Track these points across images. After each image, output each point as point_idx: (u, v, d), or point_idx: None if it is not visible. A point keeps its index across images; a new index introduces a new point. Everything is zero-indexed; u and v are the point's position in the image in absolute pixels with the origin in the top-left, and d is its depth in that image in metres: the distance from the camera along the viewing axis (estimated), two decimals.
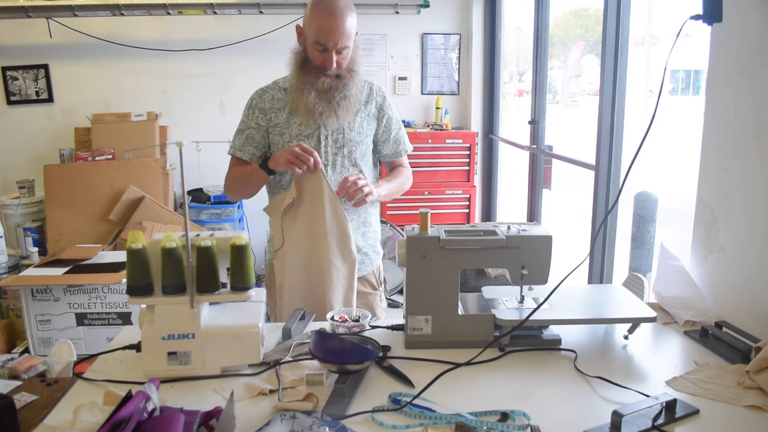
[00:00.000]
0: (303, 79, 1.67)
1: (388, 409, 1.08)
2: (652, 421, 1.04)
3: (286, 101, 1.74)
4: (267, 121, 1.76)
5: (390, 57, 4.30)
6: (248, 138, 1.78)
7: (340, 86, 1.67)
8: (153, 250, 1.19)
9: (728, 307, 1.48)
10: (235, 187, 1.82)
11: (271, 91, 1.78)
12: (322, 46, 1.63)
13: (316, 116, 1.69)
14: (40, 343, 2.73)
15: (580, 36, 4.56)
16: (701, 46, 1.58)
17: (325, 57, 1.64)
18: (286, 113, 1.75)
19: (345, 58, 1.67)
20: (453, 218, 4.12)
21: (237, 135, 1.80)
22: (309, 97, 1.66)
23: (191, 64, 4.08)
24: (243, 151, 1.78)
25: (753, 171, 1.41)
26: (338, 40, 1.61)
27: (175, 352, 1.20)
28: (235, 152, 1.79)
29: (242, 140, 1.78)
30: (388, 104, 1.86)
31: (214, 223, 3.90)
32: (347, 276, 1.70)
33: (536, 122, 3.49)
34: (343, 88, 1.67)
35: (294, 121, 1.73)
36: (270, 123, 1.76)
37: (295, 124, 1.73)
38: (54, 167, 3.62)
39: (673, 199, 3.79)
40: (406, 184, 1.92)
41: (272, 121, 1.76)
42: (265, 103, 1.77)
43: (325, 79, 1.66)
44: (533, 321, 1.34)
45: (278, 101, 1.76)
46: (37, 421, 1.08)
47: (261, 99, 1.78)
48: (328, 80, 1.66)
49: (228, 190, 1.84)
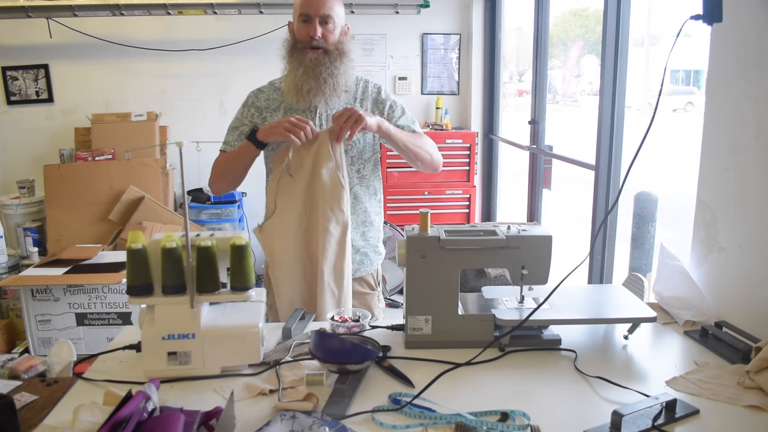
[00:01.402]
0: (291, 60, 1.71)
1: (388, 409, 1.08)
2: (652, 421, 1.04)
3: (281, 101, 1.76)
4: (262, 120, 1.77)
5: (390, 57, 4.30)
6: (241, 135, 1.77)
7: (326, 62, 1.68)
8: (153, 250, 1.19)
9: (728, 307, 1.48)
10: (223, 171, 1.77)
11: (267, 92, 1.81)
12: (305, 16, 1.67)
13: (305, 94, 1.69)
14: (40, 343, 2.74)
15: (580, 36, 4.56)
16: (701, 46, 1.58)
17: (309, 28, 1.67)
18: (280, 113, 1.76)
19: (331, 33, 1.69)
20: (453, 218, 4.12)
21: (230, 132, 1.80)
22: (297, 73, 1.68)
23: (191, 64, 4.08)
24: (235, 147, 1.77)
25: (753, 171, 1.41)
26: (320, 8, 1.65)
27: (175, 352, 1.20)
28: (226, 148, 1.78)
29: (236, 136, 1.78)
30: (386, 94, 1.84)
31: (214, 223, 3.90)
32: (339, 240, 1.67)
33: (536, 122, 3.49)
34: (330, 64, 1.68)
35: None
36: (264, 121, 1.76)
37: None
38: (54, 167, 3.62)
39: (673, 199, 3.79)
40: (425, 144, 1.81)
41: (266, 120, 1.77)
42: (261, 102, 1.79)
43: (312, 54, 1.67)
44: (533, 321, 1.34)
45: (273, 101, 1.78)
46: (37, 421, 1.07)
47: (257, 98, 1.80)
48: (315, 55, 1.68)
49: (214, 180, 1.80)
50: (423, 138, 1.83)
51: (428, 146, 1.82)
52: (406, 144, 1.75)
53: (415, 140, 1.79)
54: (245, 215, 4.13)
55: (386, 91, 1.85)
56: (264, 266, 1.92)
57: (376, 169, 1.86)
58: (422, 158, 1.80)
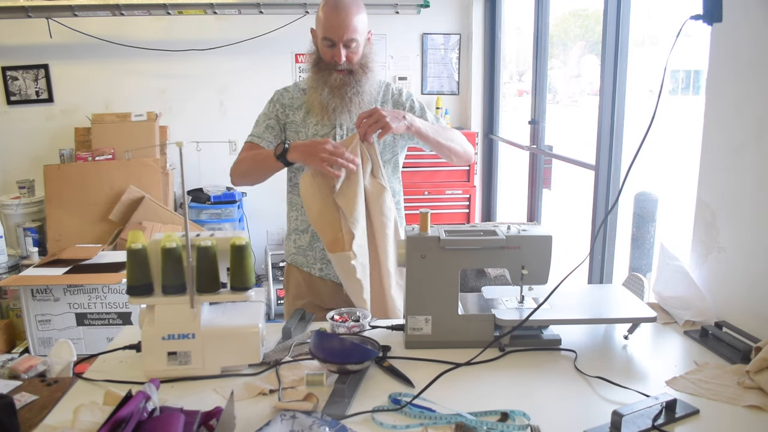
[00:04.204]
0: (317, 78, 1.70)
1: (388, 409, 1.08)
2: (652, 421, 1.04)
3: (303, 101, 1.77)
4: (285, 117, 1.79)
5: (390, 57, 4.30)
6: (268, 127, 1.78)
7: (352, 82, 1.69)
8: (153, 250, 1.19)
9: (728, 307, 1.48)
10: (248, 168, 1.74)
11: (292, 91, 1.82)
12: (329, 41, 1.65)
13: (330, 113, 1.70)
14: (40, 343, 2.74)
15: (580, 36, 4.56)
16: (701, 46, 1.58)
17: (333, 52, 1.66)
18: (302, 113, 1.77)
19: (355, 53, 1.68)
20: (453, 218, 4.12)
21: (257, 125, 1.80)
22: (322, 93, 1.69)
23: (191, 64, 4.08)
24: (262, 138, 1.76)
25: (753, 171, 1.41)
26: (344, 33, 1.63)
27: (175, 352, 1.20)
28: (253, 139, 1.77)
29: (262, 129, 1.78)
30: (407, 95, 1.83)
31: (214, 223, 3.90)
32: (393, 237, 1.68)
33: (536, 122, 3.49)
34: (355, 83, 1.69)
35: (310, 120, 1.75)
36: (287, 119, 1.78)
37: (311, 123, 1.75)
38: (54, 167, 3.62)
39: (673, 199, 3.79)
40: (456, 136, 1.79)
41: (289, 117, 1.78)
42: (286, 99, 1.80)
43: (337, 75, 1.68)
44: (533, 321, 1.34)
45: (296, 100, 1.79)
46: (37, 421, 1.08)
47: (282, 96, 1.81)
48: (341, 76, 1.68)
49: (235, 172, 1.77)
50: (452, 131, 1.82)
51: (459, 138, 1.81)
52: (438, 140, 1.74)
53: (446, 134, 1.78)
54: (245, 215, 4.13)
55: (408, 93, 1.85)
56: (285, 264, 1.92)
57: (396, 171, 1.84)
58: (456, 151, 1.79)
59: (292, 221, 1.84)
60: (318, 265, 1.79)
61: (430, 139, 1.71)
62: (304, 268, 1.82)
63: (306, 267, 1.82)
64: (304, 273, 1.82)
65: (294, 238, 1.83)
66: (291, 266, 1.86)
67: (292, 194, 1.82)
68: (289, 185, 1.83)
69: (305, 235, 1.79)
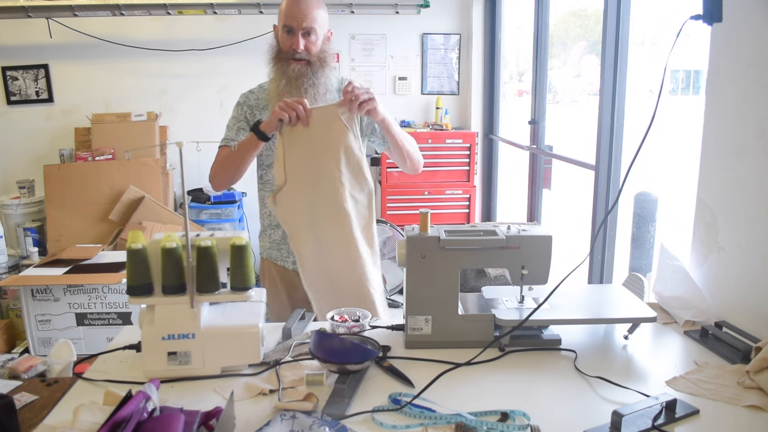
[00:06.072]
0: (276, 69, 1.76)
1: (388, 409, 1.08)
2: (652, 421, 1.04)
3: (268, 101, 1.81)
4: (253, 117, 1.82)
5: (390, 57, 4.30)
6: (240, 129, 1.81)
7: (309, 73, 1.72)
8: (153, 250, 1.19)
9: (728, 307, 1.48)
10: (225, 163, 1.76)
11: (257, 92, 1.86)
12: (288, 27, 1.71)
13: None
14: (40, 343, 2.74)
15: (580, 36, 4.56)
16: (701, 46, 1.58)
17: (293, 40, 1.71)
18: (268, 112, 1.80)
19: (313, 44, 1.72)
20: (453, 218, 4.12)
21: (228, 129, 1.84)
22: (280, 84, 1.72)
23: (191, 64, 4.08)
24: (236, 141, 1.78)
25: (753, 171, 1.41)
26: (303, 20, 1.69)
27: (175, 352, 1.20)
28: (228, 143, 1.79)
29: (234, 132, 1.82)
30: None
31: (214, 223, 3.90)
32: (367, 205, 1.68)
33: (536, 122, 3.49)
34: (312, 75, 1.72)
35: None
36: (255, 119, 1.80)
37: None
38: (54, 167, 3.62)
39: (673, 199, 3.79)
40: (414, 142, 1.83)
41: (256, 117, 1.81)
42: (251, 101, 1.84)
43: (295, 65, 1.71)
44: (533, 321, 1.33)
45: (261, 101, 1.84)
46: (37, 421, 1.07)
47: (248, 98, 1.86)
48: (299, 66, 1.71)
49: (215, 175, 1.80)
50: (410, 137, 1.86)
51: (416, 145, 1.86)
52: (402, 141, 1.77)
53: (407, 138, 1.82)
54: (245, 215, 4.13)
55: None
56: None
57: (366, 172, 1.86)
58: (411, 157, 1.83)
59: (265, 218, 1.89)
60: (291, 258, 1.82)
61: (396, 137, 1.75)
62: (278, 262, 1.86)
63: (280, 261, 1.85)
64: (279, 267, 1.86)
65: (269, 233, 1.87)
66: (266, 260, 1.90)
67: (262, 191, 1.87)
68: (260, 183, 1.88)
69: (279, 230, 1.83)
